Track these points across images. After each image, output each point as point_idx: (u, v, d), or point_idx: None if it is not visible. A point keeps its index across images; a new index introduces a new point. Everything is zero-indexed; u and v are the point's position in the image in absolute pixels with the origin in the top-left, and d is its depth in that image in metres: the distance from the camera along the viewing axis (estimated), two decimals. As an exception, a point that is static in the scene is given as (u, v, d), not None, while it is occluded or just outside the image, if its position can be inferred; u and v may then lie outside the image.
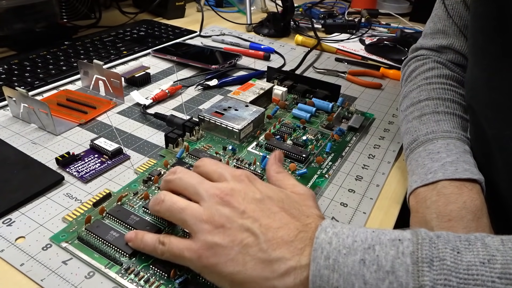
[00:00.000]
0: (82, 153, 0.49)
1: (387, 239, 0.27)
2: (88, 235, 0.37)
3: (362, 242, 0.27)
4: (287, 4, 0.90)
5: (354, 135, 0.56)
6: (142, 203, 0.41)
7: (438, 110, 0.48)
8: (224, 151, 0.50)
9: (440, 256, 0.25)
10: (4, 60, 0.70)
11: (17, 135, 0.52)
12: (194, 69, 0.74)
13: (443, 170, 0.41)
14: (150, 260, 0.35)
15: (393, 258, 0.26)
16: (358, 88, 0.72)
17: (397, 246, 0.26)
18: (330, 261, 0.27)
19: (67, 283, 0.33)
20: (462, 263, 0.25)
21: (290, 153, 0.49)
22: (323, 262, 0.27)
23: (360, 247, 0.27)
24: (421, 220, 0.40)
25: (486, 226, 0.37)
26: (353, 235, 0.28)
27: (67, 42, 0.79)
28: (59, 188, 0.44)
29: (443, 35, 0.55)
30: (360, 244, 0.27)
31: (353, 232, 0.28)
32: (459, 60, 0.54)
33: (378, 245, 0.27)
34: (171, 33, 0.90)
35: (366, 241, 0.27)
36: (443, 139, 0.45)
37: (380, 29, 1.03)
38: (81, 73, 0.65)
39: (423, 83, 0.53)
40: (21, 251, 0.36)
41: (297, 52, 0.86)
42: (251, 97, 0.58)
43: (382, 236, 0.28)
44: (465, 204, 0.38)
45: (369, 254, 0.26)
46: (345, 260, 0.27)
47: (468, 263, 0.25)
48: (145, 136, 0.54)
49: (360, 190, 0.47)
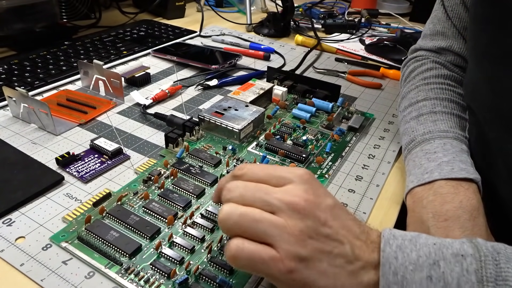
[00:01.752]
0: (82, 153, 0.49)
1: (450, 254, 0.28)
2: (88, 235, 0.37)
3: (426, 258, 0.28)
4: (287, 4, 0.90)
5: (354, 135, 0.56)
6: (142, 203, 0.41)
7: (436, 110, 0.48)
8: (224, 151, 0.50)
9: (503, 276, 0.26)
10: (4, 60, 0.70)
11: (17, 135, 0.52)
12: (194, 69, 0.74)
13: (439, 169, 0.41)
14: (150, 260, 0.35)
15: (459, 275, 0.27)
16: (358, 88, 0.72)
17: (461, 263, 0.27)
18: (399, 277, 0.27)
19: (67, 283, 0.33)
20: None
21: (290, 153, 0.49)
22: (392, 278, 0.27)
23: (426, 263, 0.27)
24: (418, 219, 0.40)
25: (482, 225, 0.37)
26: (416, 249, 0.28)
27: (67, 42, 0.79)
28: (59, 188, 0.44)
29: (442, 37, 0.55)
30: (425, 259, 0.28)
31: (415, 246, 0.29)
32: (458, 61, 0.54)
33: (443, 261, 0.27)
34: (171, 33, 0.90)
35: (430, 256, 0.28)
36: (440, 139, 0.45)
37: (380, 29, 1.03)
38: (81, 73, 0.65)
39: (421, 83, 0.53)
40: (21, 251, 0.36)
41: (297, 52, 0.86)
42: (251, 97, 0.58)
43: (444, 249, 0.28)
44: (461, 203, 0.38)
45: (435, 270, 0.27)
46: (413, 277, 0.27)
47: None
48: (145, 136, 0.54)
49: (360, 190, 0.47)
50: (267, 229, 0.28)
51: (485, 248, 0.28)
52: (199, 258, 0.36)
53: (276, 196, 0.30)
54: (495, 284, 0.26)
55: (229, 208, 0.30)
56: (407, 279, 0.27)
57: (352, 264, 0.28)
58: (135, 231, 0.38)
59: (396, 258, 0.28)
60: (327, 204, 0.30)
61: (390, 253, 0.28)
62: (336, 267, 0.28)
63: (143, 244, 0.37)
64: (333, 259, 0.28)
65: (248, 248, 0.28)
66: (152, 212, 0.40)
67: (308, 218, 0.29)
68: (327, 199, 0.30)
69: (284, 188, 0.30)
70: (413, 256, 0.28)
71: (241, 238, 0.29)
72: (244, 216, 0.29)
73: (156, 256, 0.36)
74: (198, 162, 0.48)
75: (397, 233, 0.30)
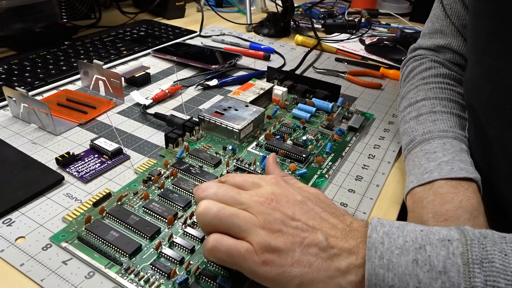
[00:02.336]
0: (82, 153, 0.49)
1: (436, 239, 0.28)
2: (88, 235, 0.37)
3: (413, 242, 0.28)
4: (287, 4, 0.90)
5: (354, 135, 0.56)
6: (142, 203, 0.41)
7: (435, 110, 0.48)
8: (224, 151, 0.50)
9: (489, 258, 0.26)
10: (4, 60, 0.70)
11: (17, 135, 0.52)
12: (194, 69, 0.74)
13: (439, 169, 0.41)
14: (150, 260, 0.35)
15: (445, 258, 0.27)
16: (358, 88, 0.72)
17: (447, 247, 0.27)
18: (385, 261, 0.28)
19: (67, 283, 0.33)
20: (510, 265, 0.26)
21: (290, 153, 0.49)
22: (378, 262, 0.28)
23: (412, 247, 0.28)
24: (418, 220, 0.40)
25: (482, 225, 0.37)
26: (403, 235, 0.29)
27: (67, 42, 0.79)
28: (59, 188, 0.44)
29: (441, 35, 0.55)
30: (411, 244, 0.28)
31: (402, 232, 0.29)
32: (457, 59, 0.54)
33: (429, 245, 0.28)
34: (171, 33, 0.90)
35: (417, 241, 0.28)
36: (440, 139, 0.45)
37: (380, 29, 1.03)
38: (81, 73, 0.65)
39: (420, 83, 0.53)
40: (21, 251, 0.36)
41: (297, 52, 0.86)
42: (251, 97, 0.58)
43: (431, 235, 0.28)
44: (461, 203, 0.38)
45: (421, 254, 0.28)
46: (399, 260, 0.28)
47: None
48: (145, 136, 0.54)
49: (360, 190, 0.47)
50: (242, 224, 0.31)
51: (471, 233, 0.28)
52: (199, 258, 0.36)
53: (246, 195, 0.33)
54: (481, 265, 0.26)
55: (208, 203, 0.32)
56: (392, 263, 0.28)
57: (326, 251, 0.30)
58: (135, 231, 0.38)
59: (383, 243, 0.29)
60: (295, 199, 0.33)
61: (377, 238, 0.29)
62: (310, 255, 0.30)
63: (143, 244, 0.37)
64: (305, 248, 0.30)
65: (226, 241, 0.30)
66: (152, 212, 0.40)
67: (275, 213, 0.31)
68: (296, 196, 0.33)
69: (254, 190, 0.34)
70: (400, 241, 0.29)
71: (219, 234, 0.31)
72: (222, 210, 0.31)
73: (156, 256, 0.36)
74: (198, 162, 0.48)
75: (385, 222, 0.31)
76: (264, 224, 0.31)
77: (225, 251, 0.30)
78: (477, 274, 0.26)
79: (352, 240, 0.30)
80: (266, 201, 0.32)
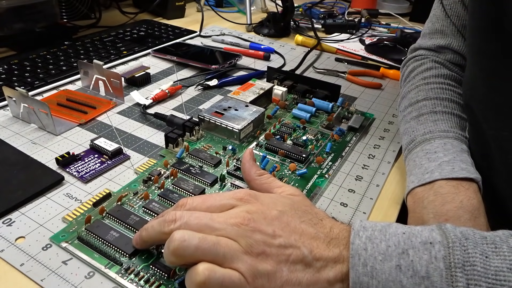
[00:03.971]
0: (82, 153, 0.49)
1: (419, 242, 0.28)
2: (88, 235, 0.37)
3: (395, 247, 0.28)
4: (287, 4, 0.90)
5: (354, 135, 0.56)
6: (142, 203, 0.41)
7: (436, 110, 0.48)
8: (224, 151, 0.50)
9: (471, 261, 0.26)
10: (4, 60, 0.70)
11: (17, 135, 0.52)
12: (194, 69, 0.74)
13: (440, 169, 0.41)
14: (150, 260, 0.35)
15: (427, 263, 0.27)
16: (358, 88, 0.72)
17: (429, 250, 0.27)
18: (368, 268, 0.28)
19: (67, 283, 0.33)
20: (490, 268, 0.26)
21: (290, 153, 0.49)
22: (361, 269, 0.28)
23: (395, 252, 0.28)
24: (418, 220, 0.40)
25: (483, 225, 0.37)
26: (386, 239, 0.29)
27: (67, 42, 0.79)
28: (59, 188, 0.44)
29: (441, 35, 0.55)
30: (394, 249, 0.28)
31: (385, 236, 0.29)
32: (458, 59, 0.54)
33: (411, 250, 0.28)
34: (171, 33, 0.90)
35: (399, 246, 0.28)
36: (440, 139, 0.45)
37: (380, 29, 1.03)
38: (81, 73, 0.65)
39: (421, 83, 0.53)
40: (21, 251, 0.36)
41: (297, 52, 0.86)
42: (251, 97, 0.58)
43: (413, 238, 0.28)
44: (461, 203, 0.38)
45: (404, 259, 0.27)
46: (382, 266, 0.27)
47: (496, 268, 0.26)
48: (145, 136, 0.54)
49: (360, 190, 0.47)
50: (226, 252, 0.29)
51: (453, 234, 0.28)
52: (199, 258, 0.36)
53: (220, 220, 0.31)
54: (462, 269, 0.26)
55: (183, 234, 0.29)
56: (376, 270, 0.27)
57: (312, 266, 0.29)
58: (135, 231, 0.38)
59: (366, 249, 0.28)
60: (272, 215, 0.31)
61: (360, 244, 0.29)
62: (297, 272, 0.29)
63: (143, 244, 0.37)
64: (292, 265, 0.29)
65: (219, 272, 0.28)
66: (152, 212, 0.40)
67: (255, 234, 0.30)
68: (272, 211, 0.32)
69: (226, 212, 0.32)
70: (382, 246, 0.28)
71: (207, 263, 0.29)
72: (204, 240, 0.29)
73: (156, 256, 0.36)
74: (198, 162, 0.48)
75: (367, 224, 0.30)
76: (246, 249, 0.29)
77: (219, 283, 0.28)
78: (459, 278, 0.26)
79: (335, 248, 0.30)
80: (243, 222, 0.30)
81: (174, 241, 0.29)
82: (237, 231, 0.30)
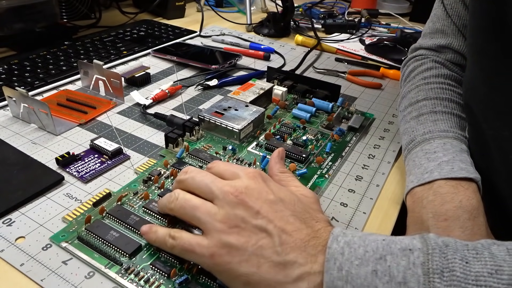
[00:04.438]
0: (82, 153, 0.49)
1: (398, 249, 0.27)
2: (88, 235, 0.37)
3: (373, 252, 0.27)
4: (287, 4, 0.90)
5: (354, 135, 0.56)
6: (142, 203, 0.41)
7: (436, 110, 0.48)
8: (224, 151, 0.50)
9: (450, 267, 0.25)
10: (4, 60, 0.70)
11: (17, 135, 0.52)
12: (194, 69, 0.74)
13: (439, 169, 0.41)
14: (150, 260, 0.35)
15: (405, 268, 0.26)
16: (358, 88, 0.72)
17: (408, 256, 0.27)
18: (343, 272, 0.27)
19: (67, 283, 0.33)
20: (470, 273, 0.25)
21: (290, 153, 0.49)
22: (336, 274, 0.27)
23: (372, 258, 0.27)
24: (418, 220, 0.40)
25: (482, 225, 0.37)
26: (364, 245, 0.28)
27: (67, 42, 0.79)
28: (59, 188, 0.44)
29: (442, 35, 0.55)
30: (371, 254, 0.27)
31: (364, 242, 0.29)
32: (458, 59, 0.54)
33: (390, 255, 0.27)
34: (171, 33, 0.90)
35: (378, 251, 0.28)
36: (440, 139, 0.45)
37: (380, 29, 1.03)
38: (81, 73, 0.65)
39: (421, 83, 0.53)
40: (21, 251, 0.36)
41: (297, 52, 0.86)
42: (251, 97, 0.58)
43: (392, 245, 0.28)
44: (461, 203, 0.38)
45: (381, 264, 0.27)
46: (358, 271, 0.27)
47: (476, 273, 0.25)
48: (145, 136, 0.54)
49: (360, 190, 0.47)
50: (201, 216, 0.32)
51: (434, 242, 0.27)
52: (199, 258, 0.36)
53: (218, 185, 0.33)
54: (441, 275, 0.25)
55: (178, 193, 0.35)
56: (351, 274, 0.27)
57: (279, 256, 0.29)
58: (135, 231, 0.38)
59: (343, 253, 0.28)
60: (267, 198, 0.32)
61: (337, 249, 0.28)
62: (260, 257, 0.29)
63: (143, 244, 0.37)
64: (258, 249, 0.30)
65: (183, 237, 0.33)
66: (152, 212, 0.40)
67: (238, 208, 0.31)
68: (269, 195, 0.32)
69: (230, 180, 0.34)
70: (360, 251, 0.28)
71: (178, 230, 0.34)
72: (187, 202, 0.34)
73: (156, 256, 0.36)
74: (198, 162, 0.48)
75: (348, 232, 0.30)
76: (222, 218, 0.31)
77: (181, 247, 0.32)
78: (437, 284, 0.25)
79: (312, 248, 0.29)
80: (234, 193, 0.32)
81: (171, 196, 0.35)
82: (226, 199, 0.32)
